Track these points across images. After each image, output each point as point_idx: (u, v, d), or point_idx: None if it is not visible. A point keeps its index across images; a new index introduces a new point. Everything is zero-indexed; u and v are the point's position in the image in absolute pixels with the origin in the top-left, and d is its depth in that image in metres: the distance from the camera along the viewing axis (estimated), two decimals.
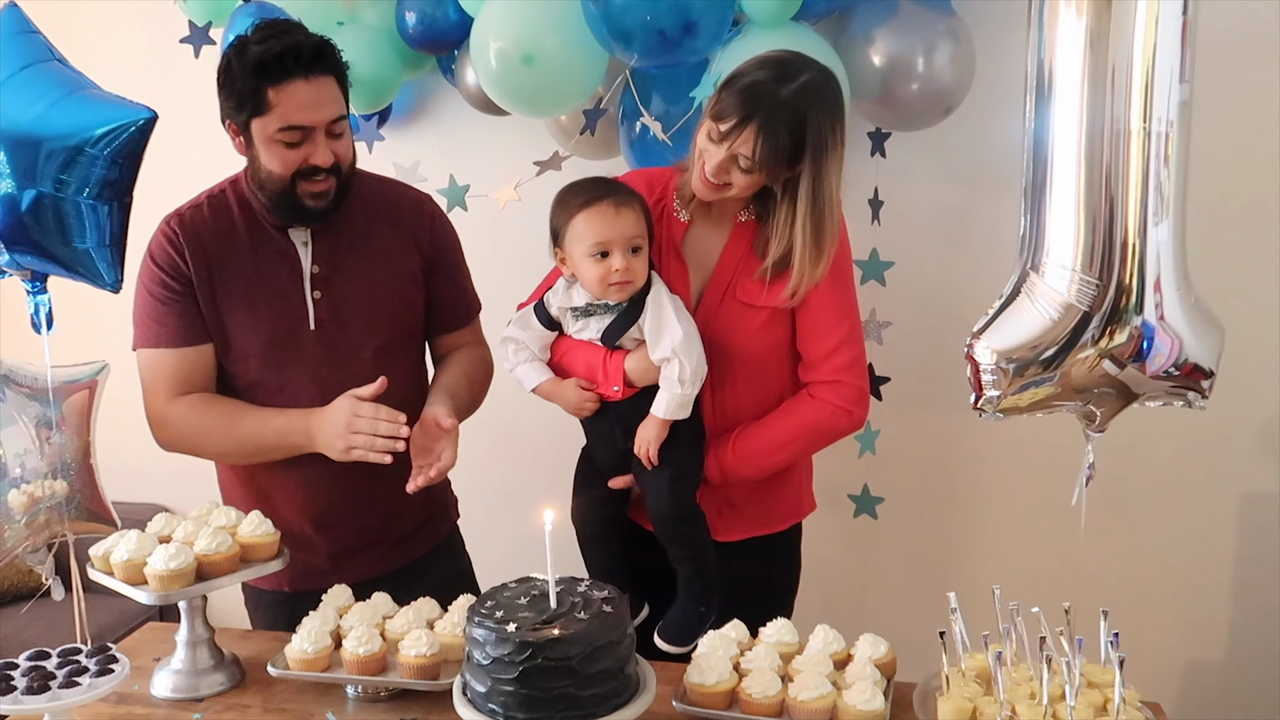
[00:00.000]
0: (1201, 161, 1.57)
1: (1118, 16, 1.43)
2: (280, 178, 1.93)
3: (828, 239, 1.88)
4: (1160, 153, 1.47)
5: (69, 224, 1.71)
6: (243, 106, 1.91)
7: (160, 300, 2.00)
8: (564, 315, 1.95)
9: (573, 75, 2.35)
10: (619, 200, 1.86)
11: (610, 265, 1.84)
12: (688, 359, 1.86)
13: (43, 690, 1.55)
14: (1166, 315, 1.51)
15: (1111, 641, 1.54)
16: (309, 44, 1.89)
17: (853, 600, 2.93)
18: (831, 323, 1.95)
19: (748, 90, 1.80)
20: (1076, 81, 1.47)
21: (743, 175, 1.84)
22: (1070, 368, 1.52)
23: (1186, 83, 1.47)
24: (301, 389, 2.01)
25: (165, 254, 2.00)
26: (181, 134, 3.03)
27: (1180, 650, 2.79)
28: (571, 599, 1.53)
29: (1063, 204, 1.52)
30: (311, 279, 2.02)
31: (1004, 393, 1.55)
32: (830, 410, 1.96)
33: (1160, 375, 1.54)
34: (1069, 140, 1.49)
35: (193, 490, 2.28)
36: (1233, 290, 1.99)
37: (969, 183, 2.69)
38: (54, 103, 1.68)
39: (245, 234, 2.03)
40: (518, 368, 1.99)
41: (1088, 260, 1.50)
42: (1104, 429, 1.64)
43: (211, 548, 1.80)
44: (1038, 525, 2.76)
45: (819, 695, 1.58)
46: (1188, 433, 2.67)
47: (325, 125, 1.91)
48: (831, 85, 1.85)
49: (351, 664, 1.76)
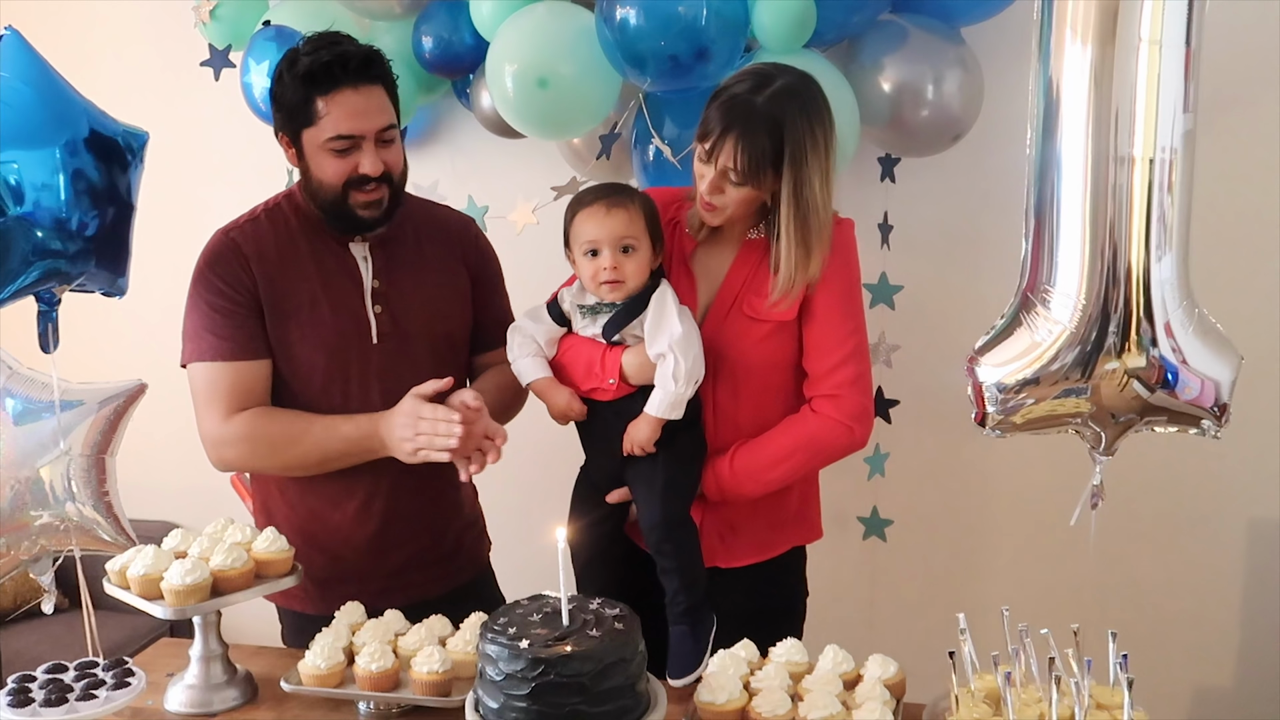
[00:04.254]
0: (1205, 186, 1.58)
1: (1121, 46, 1.45)
2: (332, 187, 1.95)
3: (814, 239, 1.88)
4: (1164, 181, 1.48)
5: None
6: (294, 117, 1.94)
7: (219, 312, 1.99)
8: (574, 311, 1.97)
9: (587, 99, 2.39)
10: (613, 202, 1.90)
11: (599, 264, 1.89)
12: (684, 356, 1.87)
13: (60, 703, 1.57)
14: (1190, 360, 1.52)
15: (1120, 663, 1.54)
16: (357, 53, 1.92)
17: (862, 622, 2.94)
18: (838, 338, 1.95)
19: (726, 104, 1.84)
20: (1081, 109, 1.49)
21: (735, 189, 1.86)
22: (1100, 383, 1.53)
23: (1190, 112, 1.49)
24: (364, 403, 2.02)
25: (226, 265, 2.00)
26: (199, 157, 3.09)
27: (1187, 675, 2.78)
28: (584, 616, 1.54)
29: (1066, 229, 1.53)
30: (373, 293, 2.04)
31: (1002, 410, 1.57)
32: (830, 424, 1.95)
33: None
34: (1073, 167, 1.51)
35: (205, 508, 2.30)
36: (1242, 317, 2.00)
37: (978, 208, 2.71)
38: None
39: (306, 246, 2.04)
40: (519, 360, 2.00)
41: (1088, 284, 1.52)
42: (1112, 452, 1.65)
43: (227, 563, 1.82)
44: (1046, 548, 2.77)
45: (829, 715, 1.59)
46: (1195, 458, 2.67)
47: (375, 134, 1.93)
48: (809, 88, 1.87)
49: (364, 680, 1.77)
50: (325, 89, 1.90)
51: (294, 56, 1.94)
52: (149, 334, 3.24)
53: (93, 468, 1.88)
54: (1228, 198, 2.50)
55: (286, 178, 2.98)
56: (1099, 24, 1.46)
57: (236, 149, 3.11)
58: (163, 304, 3.20)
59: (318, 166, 1.96)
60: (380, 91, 1.95)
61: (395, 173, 1.99)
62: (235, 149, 3.12)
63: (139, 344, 3.19)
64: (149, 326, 3.26)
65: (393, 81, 1.99)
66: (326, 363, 2.02)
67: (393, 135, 1.97)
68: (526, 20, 2.36)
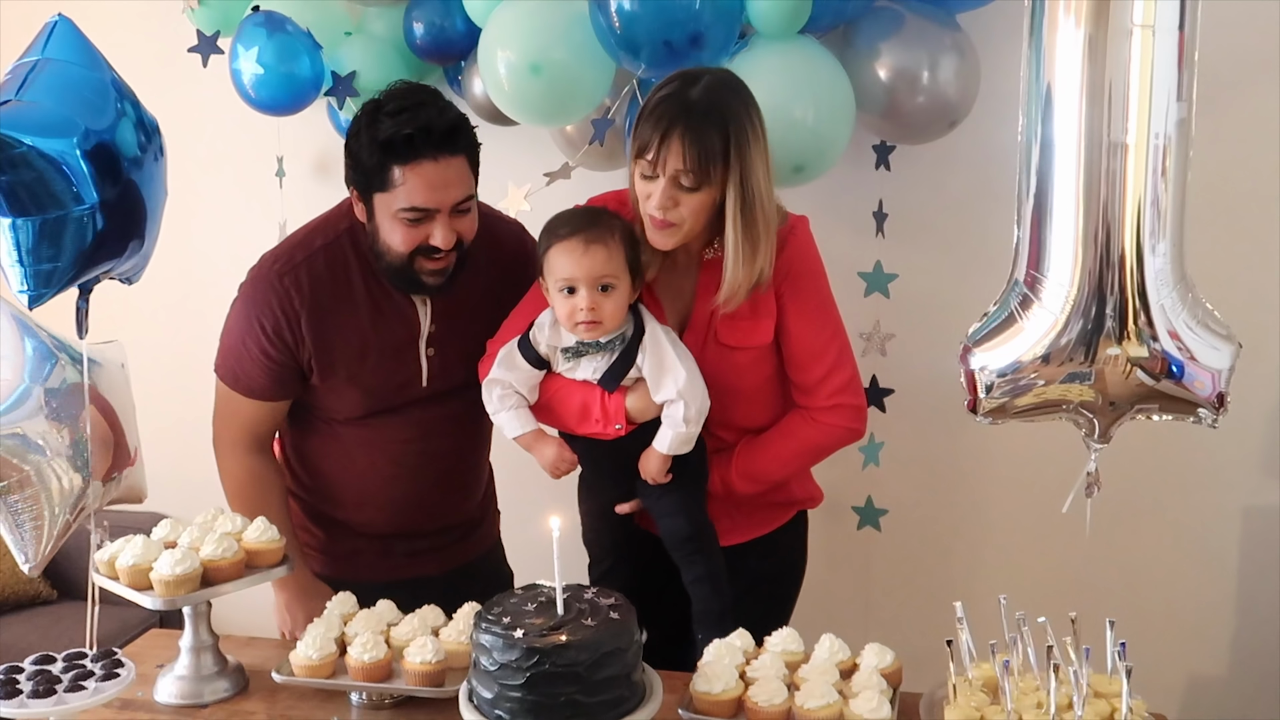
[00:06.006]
0: (1201, 174, 1.57)
1: (1114, 31, 1.43)
2: (399, 254, 1.88)
3: (760, 233, 1.82)
4: (1158, 167, 1.47)
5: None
6: (368, 178, 1.86)
7: (252, 360, 1.98)
8: (553, 354, 1.91)
9: (580, 85, 2.36)
10: (590, 237, 1.81)
11: (575, 303, 1.82)
12: (693, 399, 1.85)
13: (48, 694, 1.55)
14: (1197, 357, 1.52)
15: (1119, 651, 1.54)
16: (442, 124, 1.82)
17: (857, 612, 2.93)
18: (818, 349, 1.93)
19: (660, 106, 1.78)
20: (1074, 94, 1.47)
21: (689, 196, 1.79)
22: (1104, 369, 1.52)
23: (1183, 101, 1.47)
24: (394, 437, 2.04)
25: (273, 318, 1.94)
26: (186, 146, 3.05)
27: (1182, 663, 2.78)
28: (579, 606, 1.54)
29: (1058, 215, 1.52)
30: (428, 338, 2.01)
31: (1002, 394, 1.57)
32: (834, 431, 1.97)
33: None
34: (1066, 152, 1.50)
35: (194, 499, 2.28)
36: (1239, 302, 1.99)
37: (974, 195, 2.69)
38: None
39: (364, 292, 1.97)
40: (500, 413, 1.93)
41: (1081, 271, 1.51)
42: (1107, 439, 1.64)
43: (217, 553, 1.80)
44: (1041, 538, 2.76)
45: (826, 704, 1.58)
46: (1191, 446, 2.66)
47: (450, 206, 1.86)
48: (735, 79, 1.85)
49: (356, 671, 1.75)
50: (404, 159, 1.81)
51: (375, 114, 1.84)
52: (142, 323, 3.23)
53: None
54: (1225, 186, 2.49)
55: (276, 165, 2.96)
56: (1091, 8, 1.44)
57: (226, 137, 3.09)
58: (156, 292, 3.19)
59: (387, 231, 1.88)
60: (461, 162, 1.86)
61: (467, 240, 1.91)
62: (225, 137, 3.09)
63: (134, 330, 3.17)
64: (141, 316, 3.24)
65: (476, 148, 1.90)
66: (365, 405, 2.02)
67: (469, 205, 1.90)
68: (519, 6, 2.33)
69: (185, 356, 3.06)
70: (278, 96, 2.62)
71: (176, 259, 3.15)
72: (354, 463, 2.10)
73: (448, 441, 2.10)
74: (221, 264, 3.09)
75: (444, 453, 2.11)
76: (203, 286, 3.15)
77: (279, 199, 2.96)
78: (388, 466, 2.08)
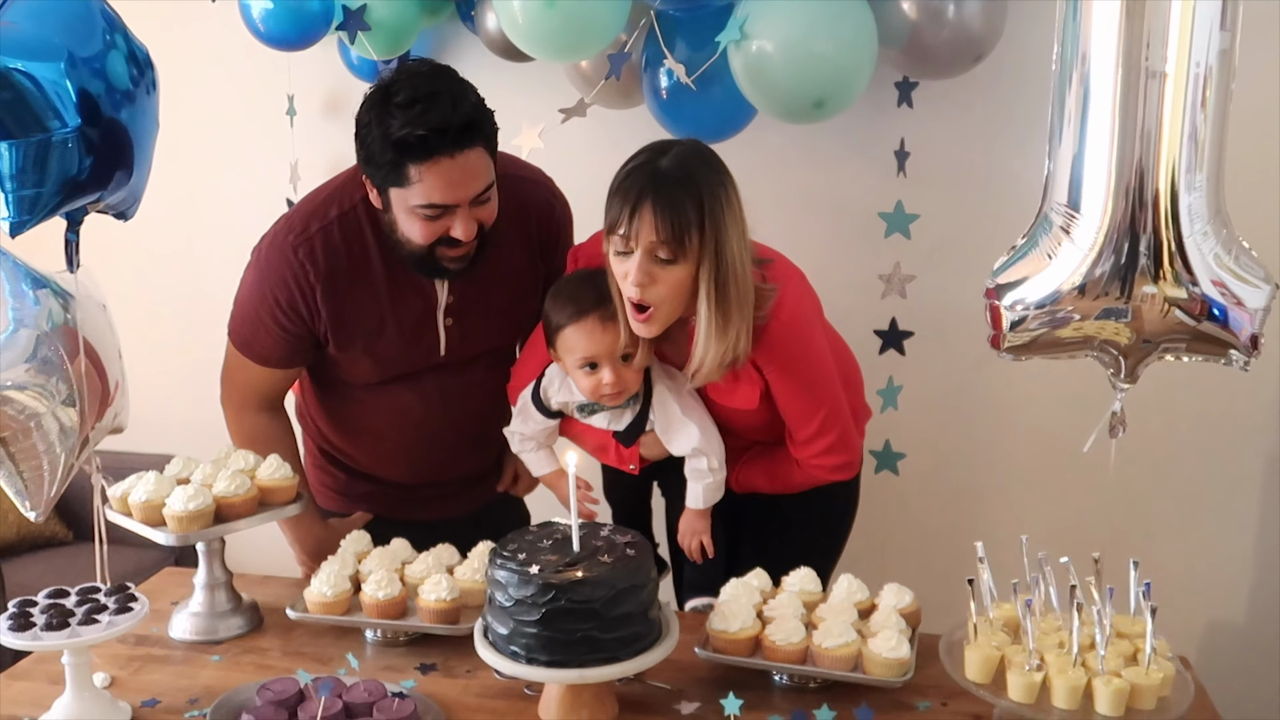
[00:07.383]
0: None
1: None
2: (419, 246, 1.82)
3: (733, 308, 1.73)
4: (1198, 99, 1.43)
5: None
6: (383, 173, 1.77)
7: (265, 330, 1.95)
8: (567, 407, 1.94)
9: (596, 18, 2.30)
10: (605, 314, 1.79)
11: (600, 379, 1.82)
12: (711, 450, 1.89)
13: (62, 627, 1.54)
14: (1243, 300, 1.47)
15: (1143, 591, 1.51)
16: (457, 120, 1.72)
17: (874, 557, 2.91)
18: (807, 415, 1.87)
19: (627, 179, 1.71)
20: (1112, 22, 1.42)
21: (666, 271, 1.70)
22: (1141, 306, 1.47)
23: (1227, 30, 1.42)
24: (413, 404, 2.03)
25: (288, 291, 1.90)
26: (196, 83, 3.02)
27: (1201, 610, 2.77)
28: (594, 543, 1.52)
29: (1092, 147, 1.47)
30: (446, 308, 1.97)
31: (1029, 329, 1.53)
32: (824, 475, 1.95)
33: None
34: (1102, 82, 1.44)
35: (206, 441, 2.26)
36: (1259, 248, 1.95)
37: (998, 133, 2.64)
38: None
39: (380, 265, 1.92)
40: (524, 454, 2.02)
41: (1114, 204, 1.46)
42: (1134, 379, 1.60)
43: (230, 490, 1.79)
44: (1060, 482, 2.74)
45: (844, 643, 1.57)
46: (1213, 392, 2.63)
47: (470, 199, 1.79)
48: (706, 149, 1.77)
49: (371, 608, 1.75)
50: (419, 158, 1.72)
51: (385, 104, 1.73)
52: (154, 265, 3.21)
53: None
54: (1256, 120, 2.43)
55: (287, 103, 2.92)
56: None
57: (236, 76, 3.04)
58: (169, 236, 3.17)
59: (405, 224, 1.81)
60: (480, 152, 1.77)
61: (488, 225, 1.85)
62: (235, 76, 3.05)
63: (146, 271, 3.15)
64: (153, 258, 3.22)
65: (494, 133, 1.81)
66: (381, 374, 2.00)
67: (489, 195, 1.82)
68: None
69: (197, 296, 3.05)
70: (287, 30, 2.57)
71: (190, 201, 3.14)
72: (372, 426, 2.09)
73: (468, 404, 2.08)
74: (236, 204, 3.08)
75: (464, 415, 2.08)
76: (216, 230, 3.13)
77: (289, 138, 2.92)
78: (406, 430, 2.07)
